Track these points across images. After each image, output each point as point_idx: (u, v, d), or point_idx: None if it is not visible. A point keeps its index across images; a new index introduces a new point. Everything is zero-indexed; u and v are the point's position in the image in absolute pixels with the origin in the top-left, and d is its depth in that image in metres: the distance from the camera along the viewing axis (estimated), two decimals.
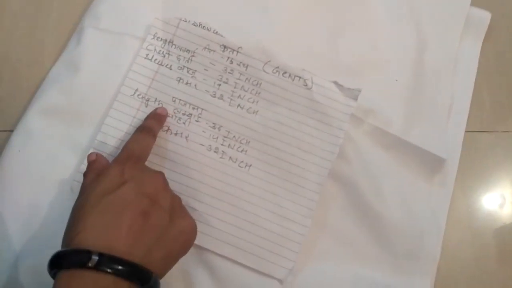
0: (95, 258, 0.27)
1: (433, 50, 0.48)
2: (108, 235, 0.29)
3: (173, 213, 0.33)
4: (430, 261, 0.41)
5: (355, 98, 0.42)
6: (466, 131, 0.46)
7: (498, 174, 0.46)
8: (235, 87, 0.42)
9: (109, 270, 0.27)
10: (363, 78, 0.45)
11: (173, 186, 0.38)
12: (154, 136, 0.38)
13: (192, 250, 0.36)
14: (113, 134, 0.40)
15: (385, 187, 0.42)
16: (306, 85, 0.42)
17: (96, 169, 0.35)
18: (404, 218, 0.42)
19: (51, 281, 0.36)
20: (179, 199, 0.35)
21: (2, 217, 0.39)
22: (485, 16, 0.50)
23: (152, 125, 0.39)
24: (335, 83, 0.42)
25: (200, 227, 0.36)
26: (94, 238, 0.29)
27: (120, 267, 0.28)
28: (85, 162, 0.38)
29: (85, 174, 0.35)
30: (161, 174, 0.35)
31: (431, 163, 0.43)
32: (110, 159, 0.39)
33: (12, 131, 0.43)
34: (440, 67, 0.47)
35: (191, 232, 0.34)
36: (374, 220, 0.41)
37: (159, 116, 0.40)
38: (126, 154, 0.36)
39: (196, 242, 0.36)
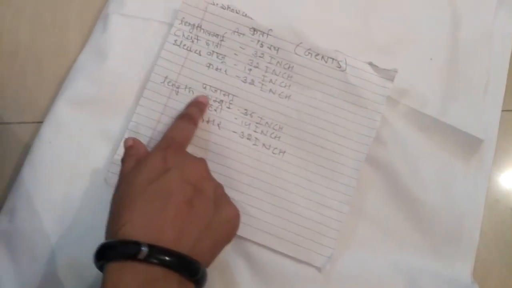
0: (144, 249, 0.27)
1: (467, 26, 0.46)
2: (154, 225, 0.29)
3: (217, 201, 0.32)
4: (469, 244, 0.40)
5: (391, 79, 0.40)
6: (503, 110, 0.45)
7: None
8: (266, 72, 0.41)
9: (158, 262, 0.27)
10: (397, 57, 0.44)
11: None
12: (195, 123, 0.38)
13: None
14: (144, 123, 0.40)
15: (423, 170, 0.41)
16: (340, 67, 0.41)
17: (134, 155, 0.34)
18: (443, 201, 0.41)
19: (89, 273, 0.36)
20: (222, 187, 0.34)
21: (35, 210, 0.39)
22: None
23: (193, 113, 0.38)
24: (370, 64, 0.41)
25: None
26: (141, 228, 0.28)
27: (169, 259, 0.27)
28: (119, 153, 0.38)
29: (123, 161, 0.34)
30: (203, 161, 0.34)
31: (468, 144, 0.42)
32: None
33: (40, 122, 0.42)
34: (475, 43, 0.46)
35: (236, 220, 0.33)
36: (412, 205, 0.40)
37: (200, 104, 0.39)
38: (167, 141, 0.35)
39: None
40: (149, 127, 0.40)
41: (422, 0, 0.46)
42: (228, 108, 0.40)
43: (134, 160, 0.33)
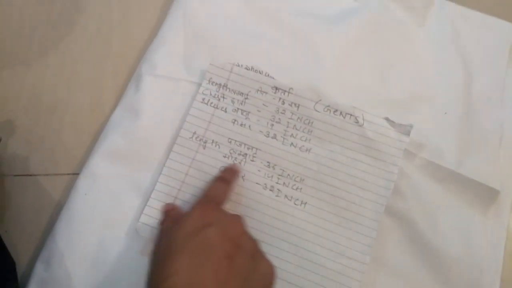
0: None
1: (480, 80, 0.48)
2: (197, 279, 0.30)
3: (255, 256, 0.33)
4: None
5: (408, 134, 0.42)
6: None
7: None
8: (287, 127, 0.43)
9: None
10: (413, 112, 0.46)
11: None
12: (229, 185, 0.40)
13: None
14: (173, 176, 0.42)
15: (441, 221, 0.42)
16: (357, 122, 0.43)
17: (172, 216, 0.36)
18: (462, 252, 0.41)
19: None
20: (258, 242, 0.35)
21: (70, 260, 0.41)
22: None
23: (228, 176, 0.41)
24: (387, 119, 0.43)
25: None
26: (185, 282, 0.29)
27: None
28: (150, 204, 0.40)
29: (162, 222, 0.37)
30: (241, 217, 0.36)
31: (485, 195, 0.43)
32: (174, 201, 0.41)
33: (76, 174, 0.45)
34: (488, 96, 0.48)
35: (272, 275, 0.34)
36: (431, 256, 0.41)
37: (234, 170, 0.42)
38: (206, 199, 0.37)
39: None
40: (178, 179, 0.42)
41: (436, 57, 0.49)
42: (252, 161, 0.43)
43: (172, 220, 0.35)
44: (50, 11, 0.52)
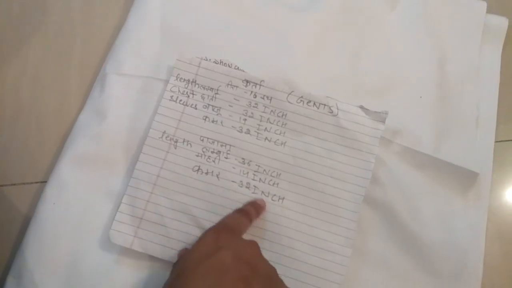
0: None
1: (454, 62, 0.47)
2: None
3: (272, 282, 0.32)
4: (473, 279, 0.40)
5: (383, 121, 0.42)
6: (496, 141, 0.46)
7: None
8: (260, 121, 0.42)
9: None
10: (387, 98, 0.45)
11: (206, 225, 0.38)
12: (250, 220, 0.38)
13: None
14: (145, 179, 0.41)
15: (421, 208, 0.42)
16: (331, 112, 0.42)
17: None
18: (444, 237, 0.41)
19: None
20: (275, 270, 0.34)
21: (41, 275, 0.39)
22: (502, 22, 0.49)
23: (250, 211, 0.39)
24: (361, 107, 0.42)
25: None
26: None
27: None
28: (121, 209, 0.39)
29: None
30: (255, 242, 0.34)
31: (465, 178, 0.43)
32: (146, 205, 0.40)
33: (43, 182, 0.43)
34: (463, 78, 0.47)
35: None
36: (413, 243, 0.41)
37: (258, 206, 0.40)
38: (221, 224, 0.36)
39: None
40: (149, 182, 0.41)
41: (408, 40, 0.48)
42: (226, 158, 0.41)
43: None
44: (9, 12, 0.49)
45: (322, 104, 0.42)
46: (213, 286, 0.29)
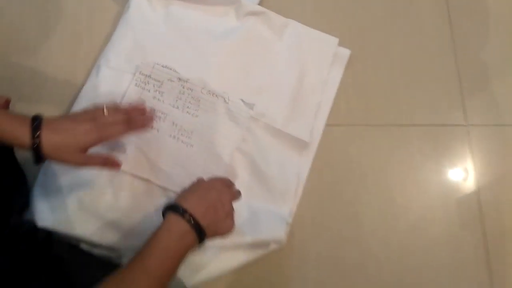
0: (187, 215, 0.54)
1: (310, 76, 0.81)
2: (194, 207, 0.55)
3: (228, 215, 0.60)
4: (291, 198, 0.74)
5: (252, 108, 0.75)
6: (326, 125, 0.80)
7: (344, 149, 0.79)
8: (185, 102, 0.75)
9: (191, 222, 0.53)
10: (263, 95, 0.78)
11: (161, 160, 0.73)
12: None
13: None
14: None
15: (270, 158, 0.75)
16: (225, 101, 0.75)
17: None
18: (280, 175, 0.75)
19: None
20: (234, 210, 0.62)
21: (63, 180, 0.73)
22: (346, 52, 0.82)
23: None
24: (242, 100, 0.76)
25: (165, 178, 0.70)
26: (188, 204, 0.55)
27: (195, 224, 0.54)
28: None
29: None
30: (235, 193, 0.65)
31: (300, 144, 0.77)
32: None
33: None
34: (313, 86, 0.80)
35: (230, 230, 0.60)
36: (262, 176, 0.74)
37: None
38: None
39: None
40: None
41: (284, 61, 0.81)
42: (163, 121, 0.75)
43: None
44: (39, 17, 0.82)
45: (220, 96, 0.76)
46: (199, 200, 0.57)
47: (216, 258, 0.70)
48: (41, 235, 0.64)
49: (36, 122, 0.52)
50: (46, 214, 0.68)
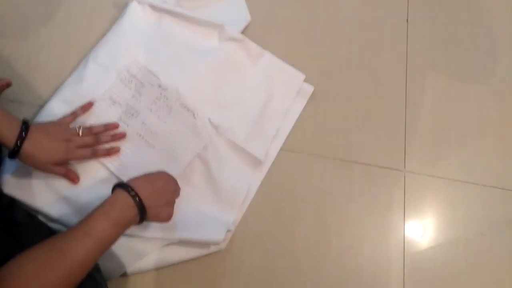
0: (133, 192, 0.62)
1: (275, 102, 0.90)
2: (140, 188, 0.63)
3: (169, 202, 0.69)
4: (237, 208, 0.83)
5: (216, 129, 0.84)
6: (281, 149, 0.89)
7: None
8: (159, 107, 0.84)
9: (136, 199, 0.61)
10: (231, 112, 0.87)
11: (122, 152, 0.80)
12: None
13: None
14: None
15: (225, 168, 0.84)
16: (194, 116, 0.84)
17: None
18: (231, 185, 0.83)
19: None
20: (175, 201, 0.72)
21: None
22: (309, 88, 0.93)
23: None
24: (208, 118, 0.84)
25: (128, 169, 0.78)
26: (136, 184, 0.63)
27: (139, 202, 0.61)
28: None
29: None
30: (174, 189, 0.72)
31: (255, 162, 0.85)
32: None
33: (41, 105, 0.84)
34: (277, 112, 0.90)
35: (169, 218, 0.69)
36: (216, 183, 0.82)
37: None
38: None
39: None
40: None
41: (255, 85, 0.90)
42: (135, 118, 0.83)
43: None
44: (52, 11, 0.90)
45: (191, 110, 0.84)
46: (146, 182, 0.66)
47: (159, 249, 0.77)
48: (6, 199, 0.71)
49: (24, 132, 0.65)
50: (12, 183, 0.75)
